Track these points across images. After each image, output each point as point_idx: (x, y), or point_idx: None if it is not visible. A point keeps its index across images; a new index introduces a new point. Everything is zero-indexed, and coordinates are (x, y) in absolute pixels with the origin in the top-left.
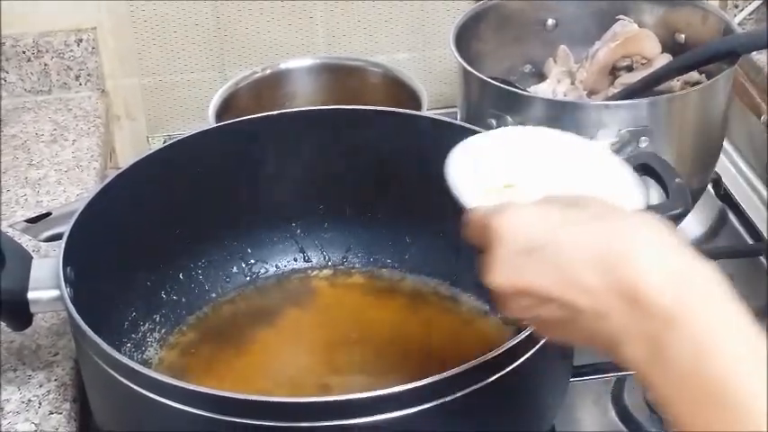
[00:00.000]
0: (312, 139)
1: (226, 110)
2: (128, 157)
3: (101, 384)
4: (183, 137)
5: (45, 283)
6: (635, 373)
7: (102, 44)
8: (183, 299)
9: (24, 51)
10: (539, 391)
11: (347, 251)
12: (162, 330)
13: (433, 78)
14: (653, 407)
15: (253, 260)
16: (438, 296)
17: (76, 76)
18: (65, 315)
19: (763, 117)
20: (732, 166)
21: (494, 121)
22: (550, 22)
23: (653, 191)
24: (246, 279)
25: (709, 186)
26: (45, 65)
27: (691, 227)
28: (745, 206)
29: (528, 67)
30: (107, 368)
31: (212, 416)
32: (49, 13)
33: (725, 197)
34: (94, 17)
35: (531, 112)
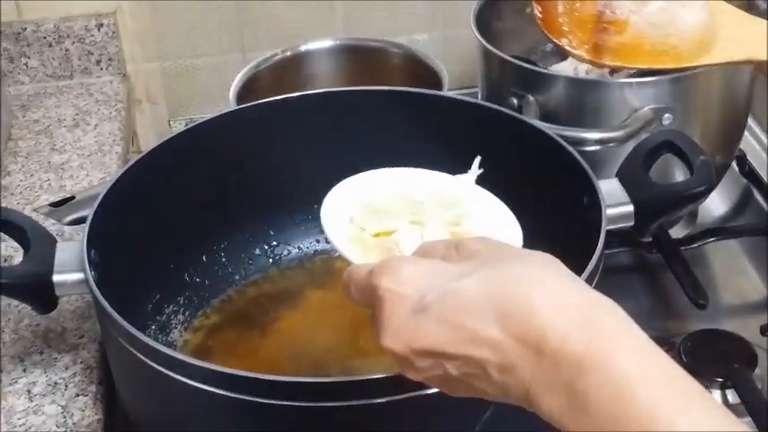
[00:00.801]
0: (333, 120)
1: (247, 92)
2: (149, 141)
3: (126, 366)
4: (205, 120)
5: (69, 267)
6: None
7: (123, 28)
8: (207, 281)
9: (45, 37)
10: None
11: None
12: (186, 313)
13: (454, 58)
14: None
15: (275, 242)
16: None
17: (97, 61)
18: (89, 298)
19: None
20: (757, 143)
21: (515, 101)
22: None
23: (676, 169)
24: (269, 261)
25: (734, 164)
26: (66, 50)
27: (715, 204)
28: None
29: (549, 46)
30: (132, 350)
31: (238, 396)
32: None
33: (749, 174)
34: (114, 2)
35: (553, 91)
